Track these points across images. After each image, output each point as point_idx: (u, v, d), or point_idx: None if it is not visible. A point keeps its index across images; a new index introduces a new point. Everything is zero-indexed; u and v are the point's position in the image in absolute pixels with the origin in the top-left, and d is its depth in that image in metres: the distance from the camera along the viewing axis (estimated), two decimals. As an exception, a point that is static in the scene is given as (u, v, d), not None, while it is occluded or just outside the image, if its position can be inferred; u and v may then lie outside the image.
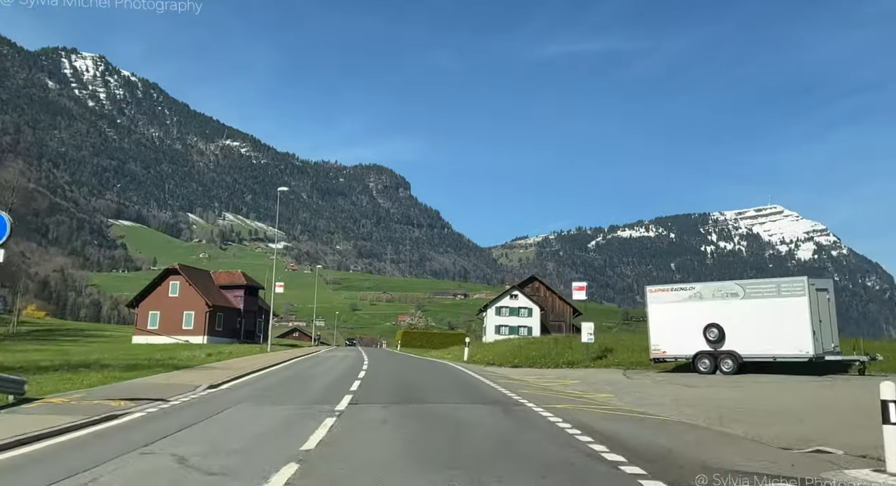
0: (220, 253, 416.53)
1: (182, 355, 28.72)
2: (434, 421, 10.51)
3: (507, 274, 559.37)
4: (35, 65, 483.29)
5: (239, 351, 37.55)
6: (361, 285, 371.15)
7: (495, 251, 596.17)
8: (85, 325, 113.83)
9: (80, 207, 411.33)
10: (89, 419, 9.65)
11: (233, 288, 62.16)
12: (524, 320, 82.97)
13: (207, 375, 18.66)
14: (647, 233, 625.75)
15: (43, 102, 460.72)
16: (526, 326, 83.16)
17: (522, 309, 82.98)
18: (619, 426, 10.18)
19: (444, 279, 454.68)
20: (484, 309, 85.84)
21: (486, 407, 12.61)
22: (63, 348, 38.05)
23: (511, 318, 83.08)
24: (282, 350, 45.80)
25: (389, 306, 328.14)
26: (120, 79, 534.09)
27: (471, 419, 10.70)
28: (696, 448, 8.21)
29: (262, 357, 29.83)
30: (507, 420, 10.78)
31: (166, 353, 31.19)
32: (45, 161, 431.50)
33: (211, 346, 48.45)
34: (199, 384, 15.53)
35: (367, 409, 11.86)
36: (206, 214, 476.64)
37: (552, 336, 32.28)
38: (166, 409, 11.69)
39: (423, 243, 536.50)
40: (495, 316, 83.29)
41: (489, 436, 9.13)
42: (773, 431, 9.74)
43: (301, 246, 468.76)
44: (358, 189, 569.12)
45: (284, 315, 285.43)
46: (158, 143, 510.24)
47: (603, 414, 11.78)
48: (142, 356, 27.23)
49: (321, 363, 27.19)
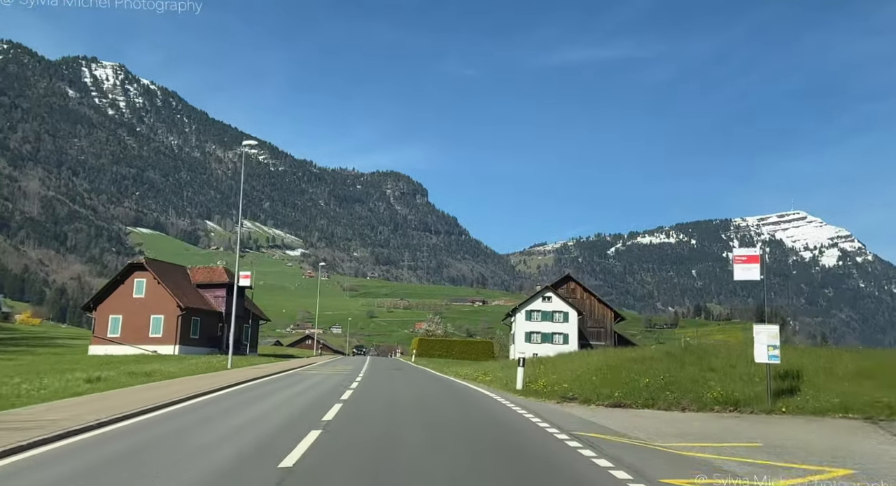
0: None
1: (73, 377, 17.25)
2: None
3: (525, 281, 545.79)
4: (56, 74, 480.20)
5: (190, 367, 26.10)
6: (378, 292, 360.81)
7: (513, 258, 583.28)
8: (74, 331, 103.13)
9: (98, 214, 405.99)
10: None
11: (213, 287, 50.66)
12: (559, 327, 70.88)
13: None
14: (667, 239, 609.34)
15: (63, 111, 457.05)
16: (561, 333, 71.04)
17: (557, 313, 70.85)
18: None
19: (461, 286, 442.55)
20: (512, 313, 73.79)
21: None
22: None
23: (544, 324, 71.01)
24: (260, 365, 34.27)
25: (406, 313, 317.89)
26: (139, 87, 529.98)
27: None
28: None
29: (192, 382, 18.16)
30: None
31: (86, 370, 19.87)
32: (64, 169, 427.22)
33: (179, 358, 37.43)
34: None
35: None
36: (223, 222, 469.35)
37: (662, 349, 19.62)
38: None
39: (440, 250, 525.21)
40: (525, 321, 71.20)
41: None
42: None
43: (318, 253, 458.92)
44: (375, 196, 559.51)
45: (301, 322, 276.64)
46: (177, 151, 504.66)
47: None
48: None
49: (267, 397, 15.43)
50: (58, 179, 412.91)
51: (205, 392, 15.81)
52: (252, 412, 12.73)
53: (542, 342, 70.55)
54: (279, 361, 41.23)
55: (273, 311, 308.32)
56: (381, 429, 10.47)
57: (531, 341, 70.62)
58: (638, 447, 9.07)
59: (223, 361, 33.00)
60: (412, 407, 14.23)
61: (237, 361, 34.43)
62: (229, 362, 30.06)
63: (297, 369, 31.92)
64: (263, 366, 32.64)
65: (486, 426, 11.27)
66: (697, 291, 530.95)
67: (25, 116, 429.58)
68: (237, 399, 15.32)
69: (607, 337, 73.56)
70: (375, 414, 12.52)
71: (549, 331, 70.39)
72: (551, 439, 9.69)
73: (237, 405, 13.96)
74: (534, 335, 70.56)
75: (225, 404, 14.25)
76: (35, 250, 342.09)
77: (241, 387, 18.84)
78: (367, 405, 14.25)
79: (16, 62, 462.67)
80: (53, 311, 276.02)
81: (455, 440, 9.47)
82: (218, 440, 9.04)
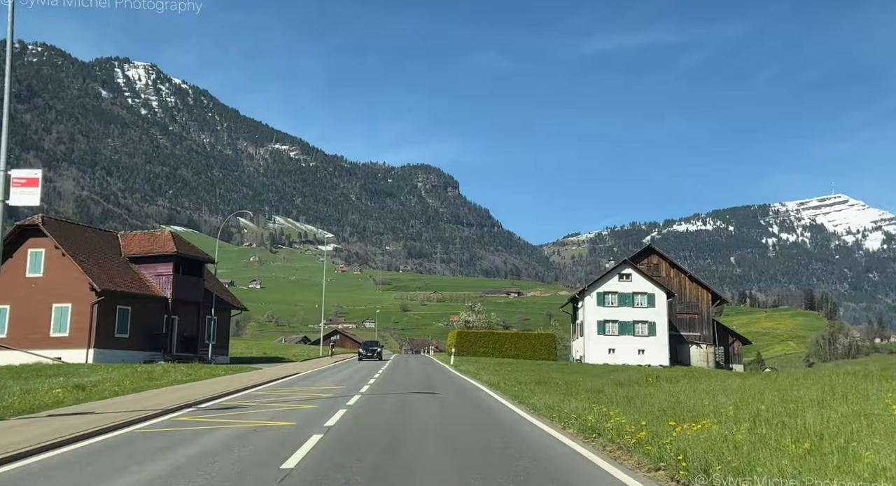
0: (270, 256, 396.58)
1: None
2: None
3: (559, 272, 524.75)
4: (89, 75, 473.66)
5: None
6: (411, 285, 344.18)
7: (547, 249, 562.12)
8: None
9: (132, 213, 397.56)
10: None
11: (154, 262, 33.13)
12: (642, 313, 52.25)
13: None
14: (704, 226, 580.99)
15: (96, 111, 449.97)
16: (644, 321, 52.31)
17: (639, 296, 52.25)
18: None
19: (495, 278, 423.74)
20: (578, 297, 55.20)
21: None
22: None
23: (622, 310, 52.43)
24: (208, 379, 16.82)
25: (440, 306, 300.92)
26: (171, 87, 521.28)
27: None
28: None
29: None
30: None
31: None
32: (98, 169, 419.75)
33: (91, 367, 20.42)
34: None
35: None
36: (256, 218, 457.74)
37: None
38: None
39: (472, 242, 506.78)
40: (597, 307, 52.64)
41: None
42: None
43: (350, 247, 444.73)
44: (406, 189, 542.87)
45: (334, 317, 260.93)
46: (209, 148, 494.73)
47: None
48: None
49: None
50: (92, 179, 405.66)
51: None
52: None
53: (621, 334, 52.04)
54: (241, 372, 23.69)
55: (306, 306, 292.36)
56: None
57: (605, 333, 52.23)
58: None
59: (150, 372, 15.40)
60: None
61: (170, 373, 17.06)
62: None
63: (200, 407, 14.37)
64: (208, 382, 15.15)
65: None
66: (737, 278, 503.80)
67: (59, 117, 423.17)
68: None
69: (703, 326, 54.75)
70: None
71: (628, 319, 51.85)
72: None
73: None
74: (609, 325, 52.13)
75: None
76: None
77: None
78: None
79: (50, 64, 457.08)
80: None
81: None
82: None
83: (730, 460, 6.18)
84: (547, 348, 52.79)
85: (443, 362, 38.17)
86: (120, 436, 9.36)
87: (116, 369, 21.80)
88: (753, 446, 6.64)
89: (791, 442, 6.63)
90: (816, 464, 5.80)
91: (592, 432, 9.18)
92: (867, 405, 8.71)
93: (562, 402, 12.82)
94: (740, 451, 6.49)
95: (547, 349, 52.60)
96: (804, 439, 6.70)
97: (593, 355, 50.40)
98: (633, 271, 52.65)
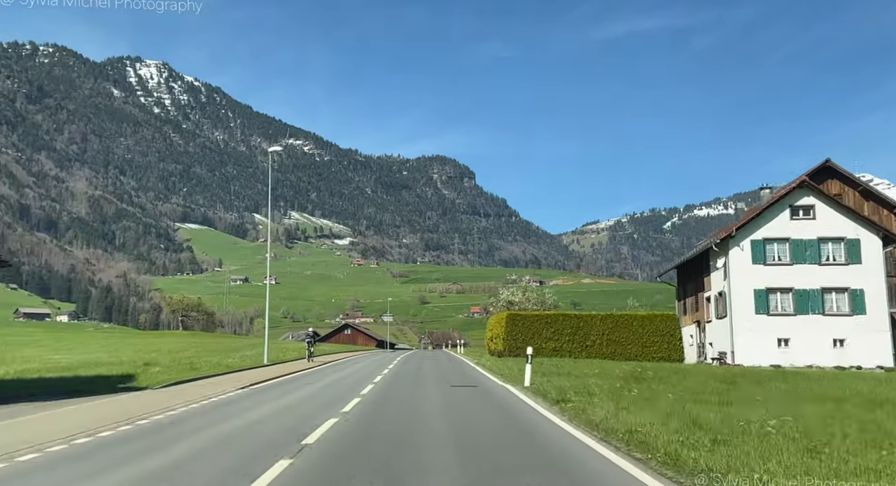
0: (285, 251, 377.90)
1: None
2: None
3: (580, 260, 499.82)
4: (100, 75, 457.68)
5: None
6: (429, 277, 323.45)
7: (566, 238, 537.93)
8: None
9: (146, 212, 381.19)
10: None
11: None
12: (839, 274, 27.86)
13: None
14: (726, 211, 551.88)
15: (109, 111, 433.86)
16: (844, 288, 27.57)
17: (830, 244, 28.11)
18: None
19: (514, 268, 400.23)
20: (717, 249, 31.28)
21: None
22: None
23: (799, 269, 28.09)
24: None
25: (460, 297, 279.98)
26: (184, 84, 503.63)
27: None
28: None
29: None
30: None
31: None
32: (111, 168, 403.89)
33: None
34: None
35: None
36: (271, 214, 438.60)
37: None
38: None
39: (490, 233, 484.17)
40: (753, 267, 28.55)
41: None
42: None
43: (367, 241, 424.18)
44: (422, 181, 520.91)
45: (350, 311, 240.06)
46: (223, 145, 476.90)
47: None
48: None
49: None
50: (105, 179, 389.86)
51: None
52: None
53: (799, 313, 28.03)
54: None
55: (322, 301, 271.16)
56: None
57: (770, 311, 28.58)
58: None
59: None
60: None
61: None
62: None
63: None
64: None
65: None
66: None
67: (71, 118, 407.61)
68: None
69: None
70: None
71: (814, 286, 28.20)
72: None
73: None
74: (777, 298, 28.60)
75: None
76: (83, 249, 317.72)
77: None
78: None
79: (61, 65, 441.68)
80: (98, 310, 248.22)
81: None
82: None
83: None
84: (667, 340, 29.51)
85: (489, 374, 20.20)
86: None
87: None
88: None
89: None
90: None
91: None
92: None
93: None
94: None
95: (668, 343, 29.19)
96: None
97: (749, 352, 27.46)
98: (817, 201, 29.18)
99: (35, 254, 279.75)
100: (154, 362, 22.65)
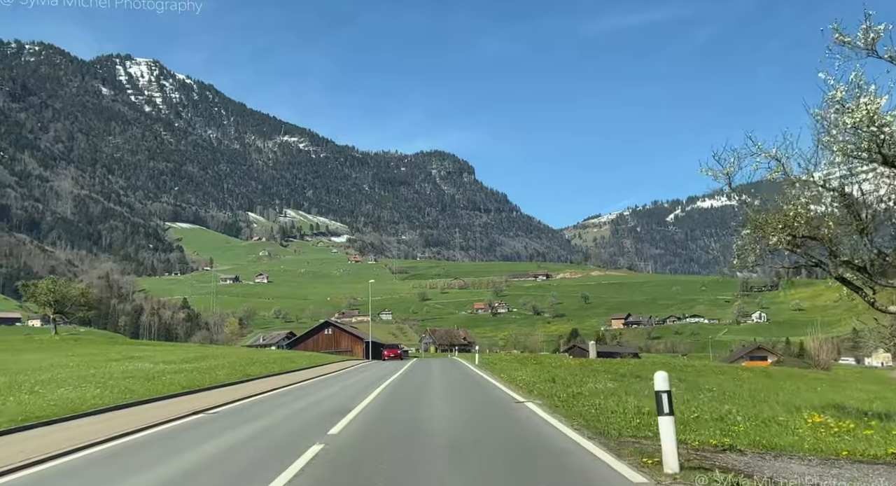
0: (280, 250, 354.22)
1: None
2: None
3: (583, 255, 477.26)
4: (88, 73, 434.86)
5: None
6: (429, 273, 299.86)
7: (568, 232, 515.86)
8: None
9: (135, 211, 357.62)
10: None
11: None
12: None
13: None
14: (729, 202, 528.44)
15: (97, 109, 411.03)
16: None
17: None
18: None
19: (517, 261, 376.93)
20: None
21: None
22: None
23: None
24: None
25: (462, 293, 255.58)
26: (175, 82, 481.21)
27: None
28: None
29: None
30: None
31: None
32: (99, 167, 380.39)
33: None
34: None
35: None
36: (266, 212, 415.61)
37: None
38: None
39: (491, 228, 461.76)
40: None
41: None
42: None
43: (364, 238, 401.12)
44: (420, 177, 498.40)
45: (347, 310, 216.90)
46: (216, 143, 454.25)
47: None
48: None
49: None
50: (92, 178, 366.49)
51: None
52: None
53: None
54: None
55: (318, 299, 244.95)
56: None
57: None
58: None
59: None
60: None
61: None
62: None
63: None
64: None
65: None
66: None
67: (57, 116, 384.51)
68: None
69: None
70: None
71: None
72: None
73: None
74: None
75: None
76: (66, 250, 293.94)
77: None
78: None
79: (48, 63, 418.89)
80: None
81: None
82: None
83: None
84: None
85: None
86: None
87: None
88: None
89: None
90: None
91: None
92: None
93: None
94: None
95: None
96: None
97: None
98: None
99: (14, 256, 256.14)
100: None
